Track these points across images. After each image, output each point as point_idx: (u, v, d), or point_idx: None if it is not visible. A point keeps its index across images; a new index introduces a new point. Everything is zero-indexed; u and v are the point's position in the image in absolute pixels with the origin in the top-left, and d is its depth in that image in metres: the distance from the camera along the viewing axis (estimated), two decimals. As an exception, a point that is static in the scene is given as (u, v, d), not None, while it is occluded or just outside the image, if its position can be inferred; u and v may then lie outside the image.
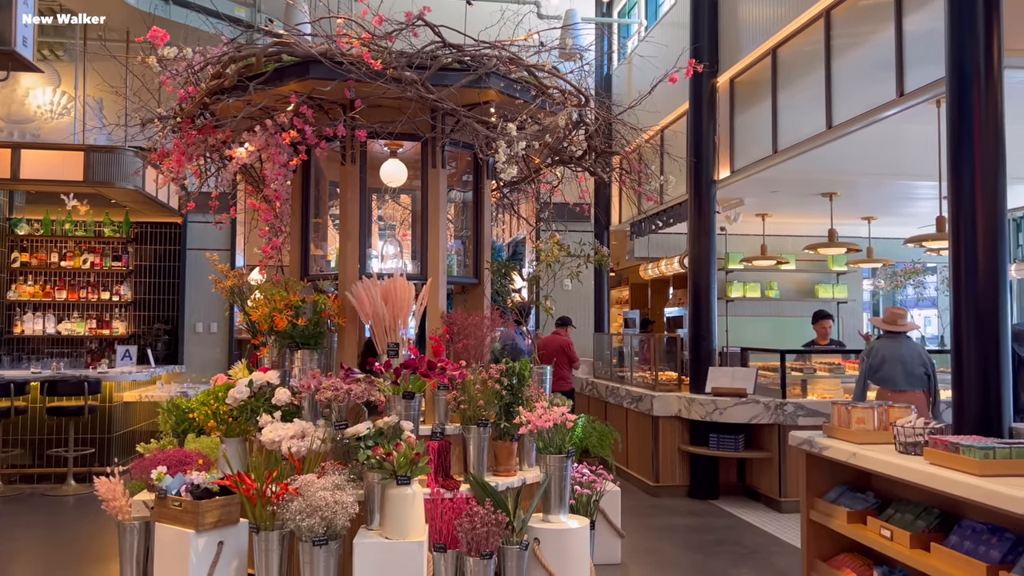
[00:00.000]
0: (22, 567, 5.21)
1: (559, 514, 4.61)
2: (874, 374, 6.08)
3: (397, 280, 4.93)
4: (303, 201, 5.30)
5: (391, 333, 4.95)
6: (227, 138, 5.04)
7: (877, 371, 6.06)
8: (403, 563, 4.00)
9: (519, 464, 5.00)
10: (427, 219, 5.14)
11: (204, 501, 4.27)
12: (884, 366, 6.03)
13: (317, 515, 3.99)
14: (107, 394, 7.80)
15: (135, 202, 9.11)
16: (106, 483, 4.84)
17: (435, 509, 4.38)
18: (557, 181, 6.41)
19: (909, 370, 5.96)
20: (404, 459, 4.13)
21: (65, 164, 7.98)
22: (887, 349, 6.07)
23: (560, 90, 5.02)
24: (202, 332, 10.14)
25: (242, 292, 5.28)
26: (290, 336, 4.92)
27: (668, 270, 10.36)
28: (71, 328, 9.78)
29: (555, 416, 4.63)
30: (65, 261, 9.78)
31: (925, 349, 6.38)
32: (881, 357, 6.05)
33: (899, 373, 5.97)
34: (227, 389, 4.93)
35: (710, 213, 7.54)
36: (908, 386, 5.93)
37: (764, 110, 7.13)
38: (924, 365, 6.03)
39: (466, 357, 5.08)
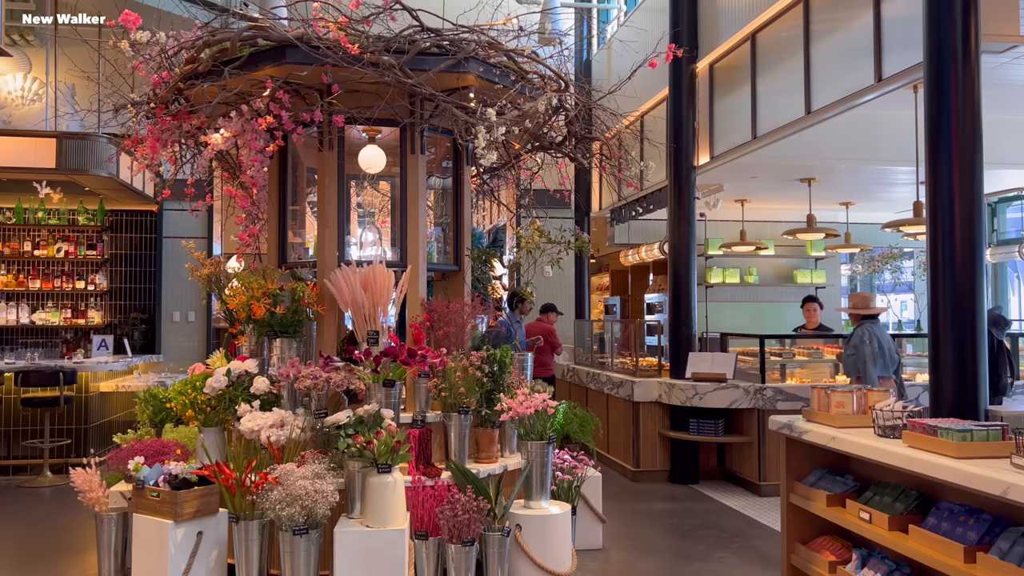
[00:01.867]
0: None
1: (541, 500, 4.61)
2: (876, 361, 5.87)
3: (376, 267, 4.89)
4: (280, 188, 5.24)
5: (371, 321, 4.92)
6: (202, 124, 4.97)
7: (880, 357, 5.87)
8: (384, 551, 3.99)
9: (501, 451, 5.00)
10: (406, 205, 5.10)
11: (182, 491, 4.23)
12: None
13: (297, 504, 3.96)
14: (83, 384, 7.70)
15: (109, 190, 8.96)
16: (82, 474, 4.78)
17: (416, 497, 4.36)
18: (537, 167, 6.39)
19: (891, 355, 5.93)
20: (385, 447, 4.11)
21: (37, 151, 7.82)
22: (880, 333, 5.96)
23: (540, 75, 4.99)
24: (179, 321, 10.03)
25: (219, 280, 5.21)
26: (268, 324, 4.87)
27: (648, 256, 10.39)
28: (45, 318, 9.63)
29: (536, 403, 4.62)
30: (39, 250, 9.61)
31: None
32: (878, 342, 5.89)
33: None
34: (205, 379, 4.88)
35: (690, 199, 7.55)
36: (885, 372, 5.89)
37: (743, 96, 7.13)
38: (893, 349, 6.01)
39: (447, 344, 5.06)
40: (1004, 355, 5.95)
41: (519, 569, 4.44)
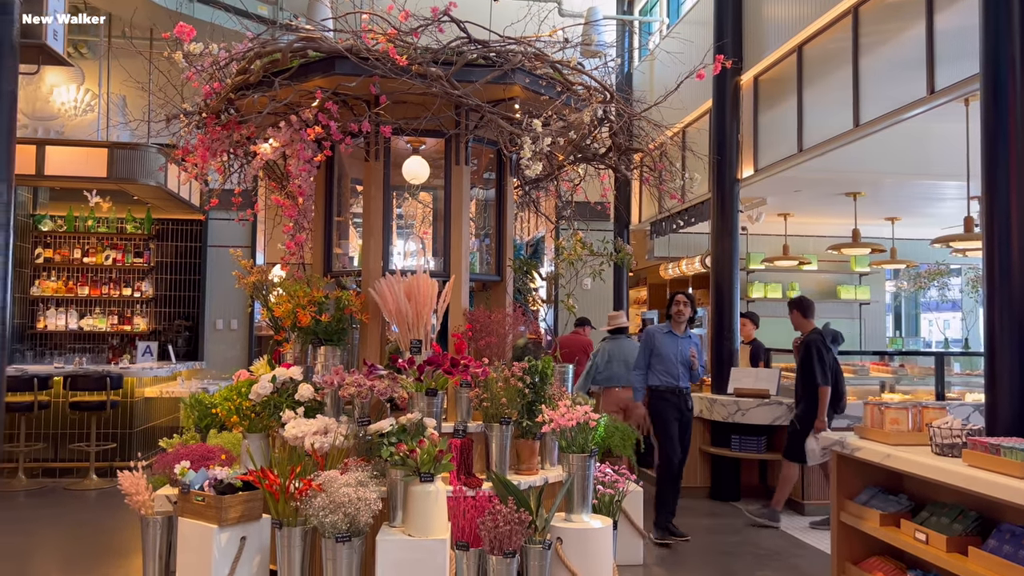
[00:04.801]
0: (45, 560, 5.23)
1: (582, 514, 4.57)
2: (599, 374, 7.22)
3: (420, 277, 4.91)
4: (326, 197, 5.29)
5: (414, 330, 4.93)
6: (251, 134, 5.04)
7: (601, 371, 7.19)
8: (426, 561, 3.98)
9: (541, 463, 4.97)
10: (450, 216, 5.11)
11: (227, 496, 4.26)
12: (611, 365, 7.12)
13: (340, 511, 3.97)
14: (128, 389, 7.84)
15: (157, 199, 9.16)
16: (129, 477, 4.85)
17: (457, 507, 4.35)
18: (579, 179, 6.37)
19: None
20: (427, 456, 4.10)
21: (89, 161, 8.02)
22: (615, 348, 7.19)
23: (585, 86, 4.98)
24: (222, 329, 10.18)
25: (265, 288, 5.28)
26: (313, 332, 4.91)
27: (689, 270, 10.29)
28: (93, 324, 9.84)
29: (578, 415, 4.59)
30: (88, 257, 9.84)
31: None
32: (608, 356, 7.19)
33: (622, 370, 6.97)
34: (250, 385, 4.93)
35: (733, 212, 7.48)
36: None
37: (789, 108, 7.05)
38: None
39: (488, 355, 5.05)
40: (841, 373, 6.39)
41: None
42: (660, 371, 6.07)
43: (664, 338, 6.14)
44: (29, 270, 9.73)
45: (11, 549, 5.37)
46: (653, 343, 6.13)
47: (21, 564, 5.07)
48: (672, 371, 6.05)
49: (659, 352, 6.09)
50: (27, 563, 5.10)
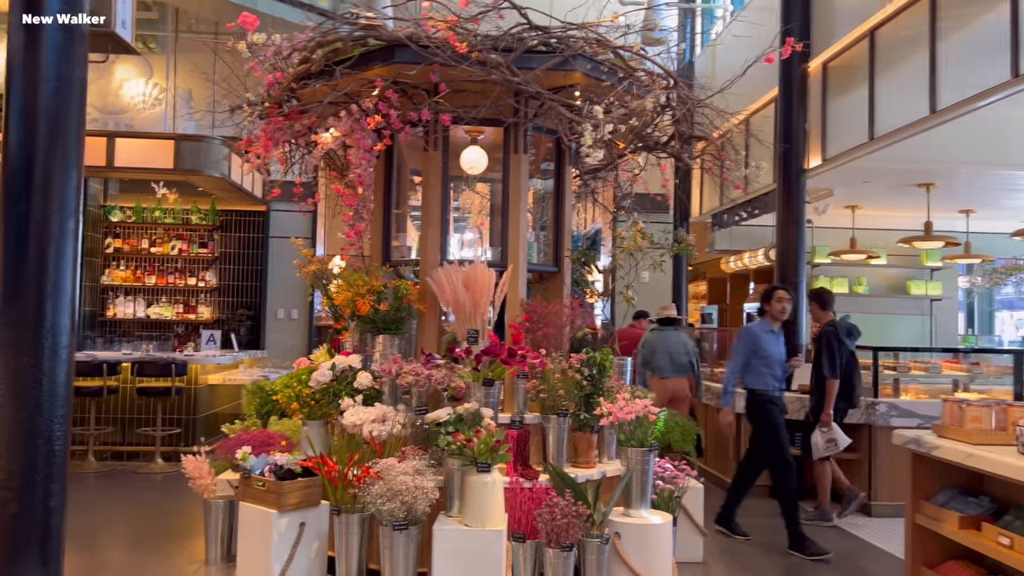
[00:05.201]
0: (113, 540, 5.38)
1: (641, 509, 4.48)
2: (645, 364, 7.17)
3: (478, 267, 4.88)
4: (385, 187, 5.30)
5: (471, 320, 4.90)
6: (313, 124, 5.08)
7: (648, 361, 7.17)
8: (482, 551, 3.95)
9: (599, 456, 4.90)
10: (508, 205, 5.07)
11: (287, 482, 4.31)
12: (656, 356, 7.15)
13: (398, 499, 3.97)
14: (193, 376, 8.02)
15: (221, 190, 9.35)
16: (193, 461, 4.96)
17: (514, 498, 4.31)
18: (639, 169, 6.26)
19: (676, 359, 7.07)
20: (484, 446, 4.07)
21: (156, 153, 8.23)
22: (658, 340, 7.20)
23: (647, 72, 4.87)
24: (283, 319, 10.35)
25: (325, 277, 5.32)
26: (372, 321, 4.93)
27: (751, 263, 10.05)
28: (159, 312, 10.12)
29: (637, 408, 4.50)
30: (155, 247, 10.12)
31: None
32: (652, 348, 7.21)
33: (666, 362, 7.08)
34: (310, 372, 4.98)
35: (799, 203, 7.25)
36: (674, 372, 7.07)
37: (860, 95, 6.80)
38: (688, 354, 7.10)
39: (546, 346, 5.00)
40: (857, 365, 6.20)
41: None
42: (766, 373, 5.62)
43: (767, 337, 5.67)
44: (100, 259, 10.05)
45: (81, 529, 5.54)
46: (757, 343, 5.64)
47: (90, 543, 5.22)
48: (777, 373, 5.63)
49: (764, 353, 5.61)
50: (95, 543, 5.26)
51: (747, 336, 5.73)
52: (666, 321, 7.44)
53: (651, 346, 7.26)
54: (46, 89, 2.80)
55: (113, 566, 4.78)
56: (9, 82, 2.81)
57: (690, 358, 7.17)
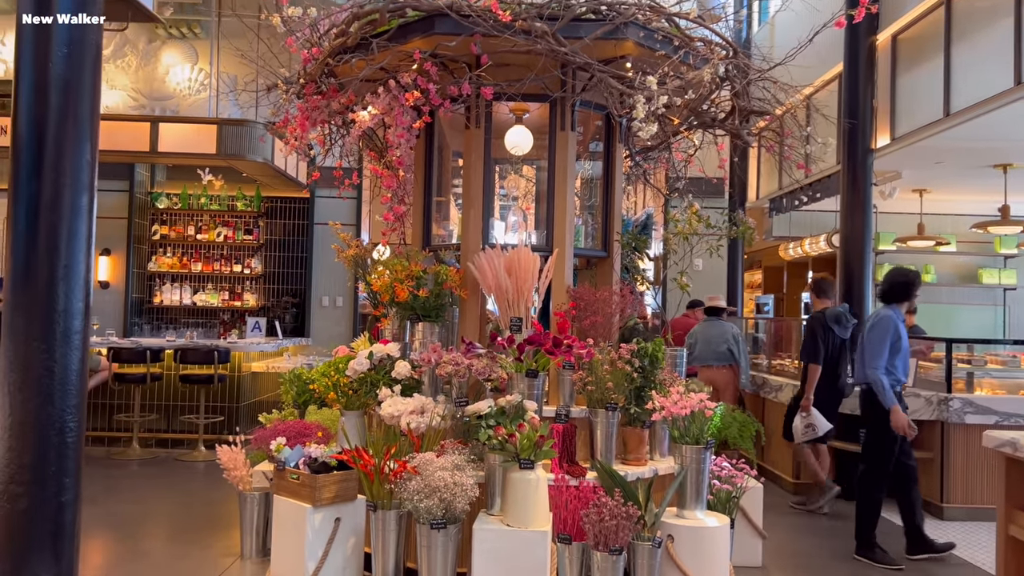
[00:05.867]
0: (152, 529, 5.29)
1: (696, 510, 4.18)
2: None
3: (521, 251, 4.62)
4: (426, 168, 5.06)
5: (514, 307, 4.65)
6: (350, 101, 4.86)
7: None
8: (525, 553, 3.70)
9: (650, 453, 4.61)
10: (553, 185, 4.79)
11: (322, 476, 4.12)
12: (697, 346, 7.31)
13: (436, 496, 3.74)
14: (236, 364, 7.95)
15: (265, 175, 9.26)
16: (228, 452, 4.81)
17: (559, 497, 4.05)
18: (693, 149, 5.91)
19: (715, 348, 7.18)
20: (528, 441, 3.82)
21: (200, 137, 8.16)
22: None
23: (705, 41, 4.53)
24: (328, 306, 10.25)
25: (364, 262, 5.12)
26: (411, 308, 4.71)
27: (812, 250, 9.56)
28: (205, 299, 10.11)
29: (692, 403, 4.19)
30: (201, 234, 10.10)
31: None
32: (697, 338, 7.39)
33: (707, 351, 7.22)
34: (347, 361, 4.79)
35: (866, 186, 6.81)
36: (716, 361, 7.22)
37: (934, 69, 6.32)
38: (727, 343, 7.18)
39: (593, 335, 4.71)
40: (847, 352, 6.13)
41: (670, 584, 4.03)
42: (900, 368, 5.06)
43: (903, 327, 5.10)
44: (147, 246, 10.07)
45: (122, 517, 5.47)
46: (897, 332, 5.02)
47: (130, 532, 5.14)
48: (906, 368, 5.11)
49: (900, 345, 5.03)
50: (135, 531, 5.17)
51: (887, 324, 5.04)
52: (712, 311, 7.55)
53: (695, 336, 7.47)
54: (56, 55, 2.62)
55: (150, 556, 4.67)
56: (18, 47, 2.63)
57: (730, 347, 7.17)
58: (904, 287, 5.14)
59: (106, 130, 8.21)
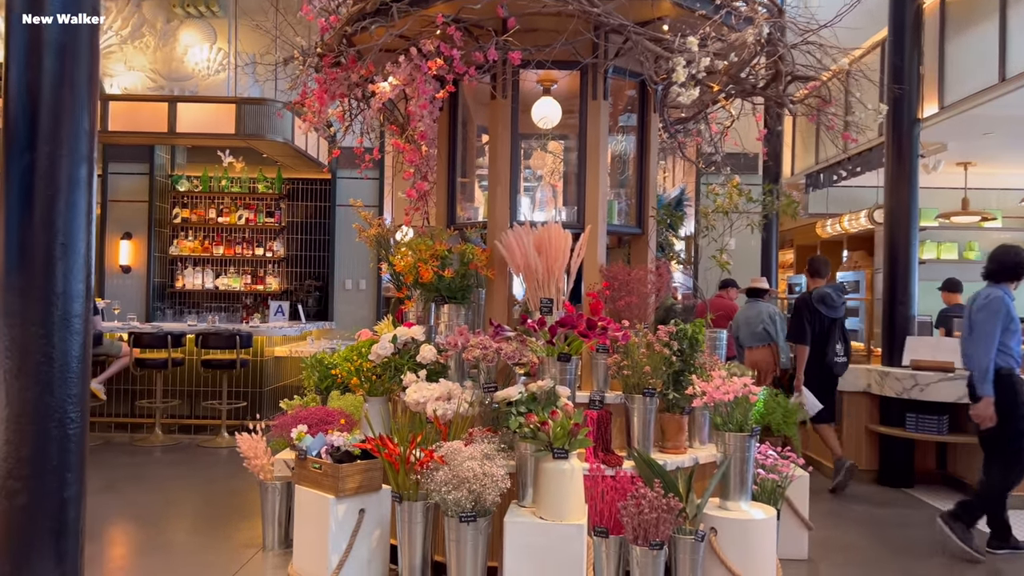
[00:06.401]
0: (173, 518, 5.15)
1: (740, 501, 3.93)
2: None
3: (552, 227, 4.37)
4: (450, 142, 4.82)
5: (544, 287, 4.41)
6: (368, 73, 4.63)
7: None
8: (560, 548, 3.48)
9: (689, 440, 4.37)
10: (585, 158, 4.53)
11: (345, 465, 3.93)
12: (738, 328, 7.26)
13: (464, 488, 3.53)
14: (258, 348, 7.80)
15: (285, 156, 9.06)
16: (248, 440, 4.64)
17: (595, 488, 3.82)
18: (730, 121, 5.60)
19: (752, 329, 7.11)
20: (561, 430, 3.59)
21: (218, 117, 7.97)
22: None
23: (747, 0, 4.23)
24: (351, 289, 10.07)
25: (387, 241, 4.90)
26: (436, 289, 4.49)
27: (852, 226, 9.17)
28: (227, 283, 9.97)
29: (736, 388, 3.94)
30: (222, 217, 9.95)
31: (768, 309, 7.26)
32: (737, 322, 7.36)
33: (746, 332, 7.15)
34: (371, 345, 4.59)
35: (912, 158, 6.45)
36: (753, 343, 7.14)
37: (988, 31, 5.94)
38: (763, 323, 7.06)
39: (628, 316, 4.47)
40: (836, 331, 6.13)
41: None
42: (1015, 349, 4.69)
43: (1014, 308, 4.79)
44: (168, 230, 9.94)
45: (143, 507, 5.35)
46: (1009, 312, 4.70)
47: (152, 521, 5.01)
48: (1018, 350, 4.76)
49: (1014, 325, 4.70)
50: (157, 521, 5.04)
51: (998, 305, 4.72)
52: (752, 292, 7.47)
53: (737, 318, 7.44)
54: (52, 13, 2.40)
55: (171, 547, 4.53)
56: (9, 7, 2.42)
57: (766, 327, 7.05)
58: (1016, 266, 4.81)
59: (124, 111, 8.08)
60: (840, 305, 6.18)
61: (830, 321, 6.11)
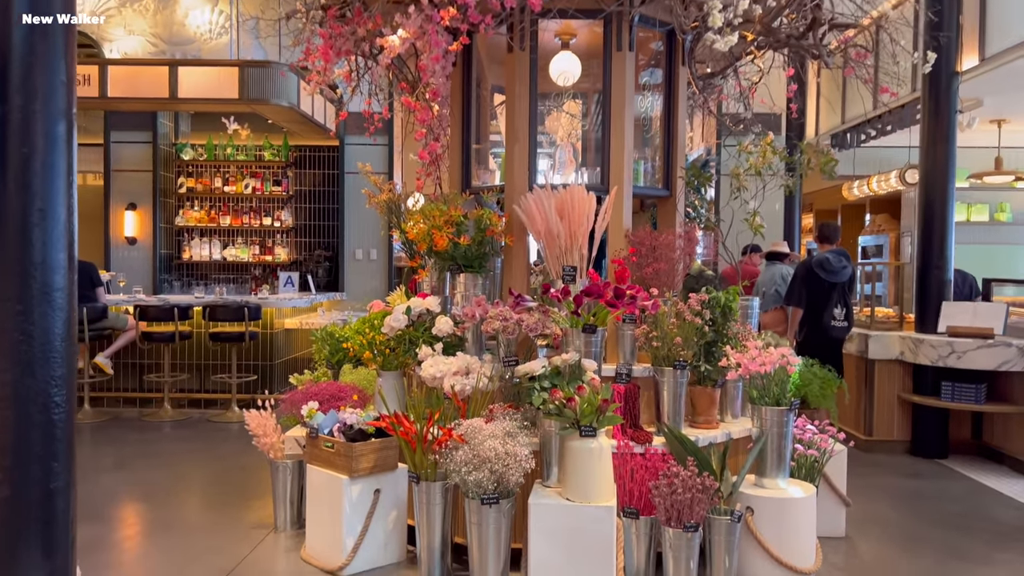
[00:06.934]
0: (182, 497, 4.98)
1: (777, 479, 3.70)
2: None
3: (575, 190, 4.10)
4: (464, 101, 4.54)
5: (567, 254, 4.15)
6: (376, 26, 4.33)
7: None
8: (589, 530, 3.26)
9: (720, 414, 4.13)
10: (609, 114, 4.24)
11: (358, 444, 3.72)
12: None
13: (486, 468, 3.31)
14: (268, 320, 7.59)
15: (292, 122, 8.78)
16: (257, 417, 4.43)
17: (623, 466, 3.60)
18: (758, 76, 5.28)
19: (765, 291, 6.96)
20: (589, 406, 3.35)
21: (221, 81, 7.69)
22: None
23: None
24: (362, 259, 9.83)
25: (398, 208, 4.64)
26: (451, 257, 4.24)
27: (881, 188, 8.82)
28: (236, 254, 9.74)
29: (773, 359, 3.68)
30: (228, 186, 9.69)
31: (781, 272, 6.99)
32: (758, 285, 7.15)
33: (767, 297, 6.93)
34: (383, 317, 4.35)
35: (950, 113, 6.10)
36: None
37: (1034, -25, 5.57)
38: (775, 284, 6.86)
39: (656, 284, 4.21)
40: (835, 296, 6.07)
41: (750, 560, 3.59)
42: None
43: None
44: (173, 200, 9.71)
45: (153, 485, 5.19)
46: None
47: (161, 501, 4.85)
48: None
49: None
50: (166, 499, 4.88)
51: None
52: (772, 256, 7.29)
53: (758, 286, 7.26)
54: (16, -51, 2.12)
55: (178, 528, 4.35)
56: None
57: (777, 288, 6.86)
58: None
59: (124, 76, 7.80)
60: (839, 270, 6.09)
61: (829, 285, 6.06)
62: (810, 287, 6.15)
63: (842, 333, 6.14)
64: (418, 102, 4.49)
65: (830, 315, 6.08)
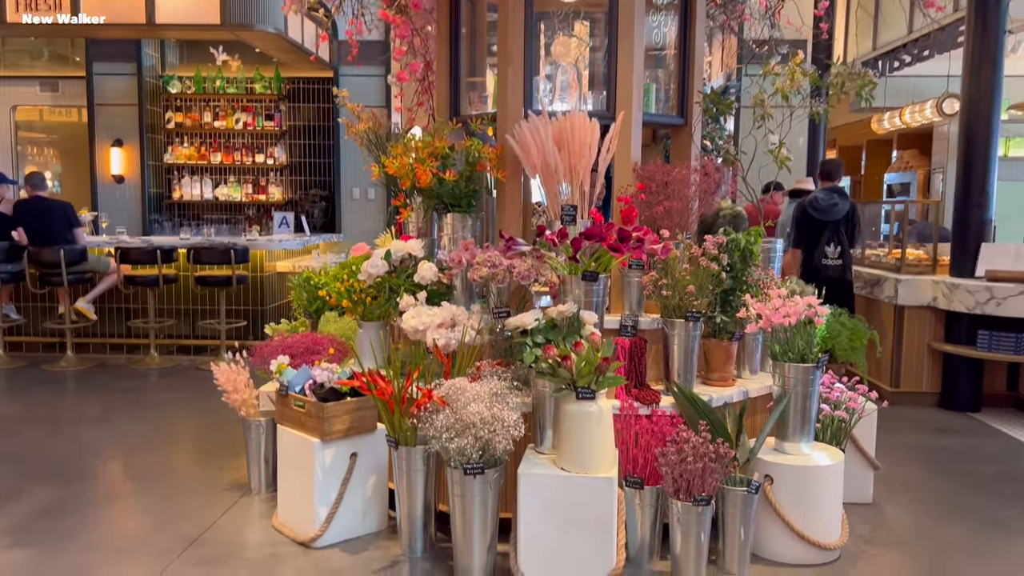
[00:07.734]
0: (160, 454, 4.68)
1: (800, 443, 3.30)
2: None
3: (575, 117, 3.60)
4: (451, 15, 4.01)
5: (572, 190, 3.68)
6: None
7: None
8: (586, 504, 2.88)
9: (737, 370, 3.71)
10: (617, 31, 3.71)
11: (330, 404, 3.34)
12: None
13: (469, 434, 2.92)
14: (258, 263, 7.20)
15: (281, 51, 8.23)
16: (226, 371, 4.05)
17: (627, 430, 3.21)
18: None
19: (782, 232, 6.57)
20: (587, 365, 2.93)
21: (201, 5, 7.13)
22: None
23: None
24: (359, 199, 9.37)
25: (379, 139, 4.17)
26: (436, 195, 3.78)
27: (916, 119, 8.19)
28: (228, 193, 9.31)
29: (799, 309, 3.24)
30: (218, 121, 9.20)
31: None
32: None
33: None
34: (363, 261, 3.93)
35: (998, 33, 5.49)
36: None
37: None
38: (788, 225, 6.40)
39: (667, 226, 3.74)
40: (826, 234, 5.85)
41: (768, 534, 3.22)
42: None
43: None
44: (161, 136, 9.23)
45: (131, 440, 4.90)
46: None
47: (135, 458, 4.56)
48: None
49: None
50: (142, 456, 4.59)
51: None
52: (795, 194, 6.90)
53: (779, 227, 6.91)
54: None
55: (151, 489, 4.05)
56: None
57: (789, 228, 6.40)
58: None
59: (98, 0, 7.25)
60: (828, 208, 5.82)
61: (820, 224, 5.87)
62: (802, 227, 5.95)
63: (834, 272, 5.85)
64: (397, 15, 3.97)
65: (821, 253, 5.88)
